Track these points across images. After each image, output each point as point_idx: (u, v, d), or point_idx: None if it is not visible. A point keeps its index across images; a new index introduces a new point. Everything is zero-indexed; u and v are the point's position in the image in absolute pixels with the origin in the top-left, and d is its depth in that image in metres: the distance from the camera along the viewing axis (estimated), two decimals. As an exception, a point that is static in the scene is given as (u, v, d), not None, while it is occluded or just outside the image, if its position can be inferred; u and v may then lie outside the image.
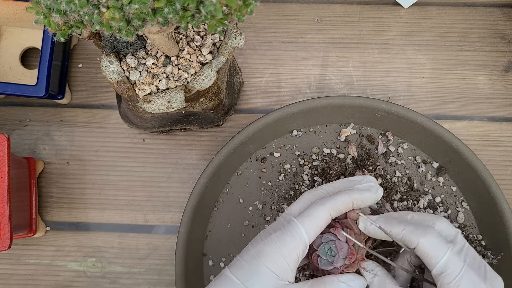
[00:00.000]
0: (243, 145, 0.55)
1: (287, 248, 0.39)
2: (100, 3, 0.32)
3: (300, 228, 0.39)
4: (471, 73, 0.60)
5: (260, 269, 0.38)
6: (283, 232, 0.39)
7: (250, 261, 0.39)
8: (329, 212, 0.40)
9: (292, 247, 0.39)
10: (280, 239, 0.39)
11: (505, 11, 0.61)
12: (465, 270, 0.39)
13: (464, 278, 0.38)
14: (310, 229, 0.39)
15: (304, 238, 0.39)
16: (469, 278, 0.38)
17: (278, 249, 0.39)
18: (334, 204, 0.41)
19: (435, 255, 0.39)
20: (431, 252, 0.39)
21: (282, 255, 0.38)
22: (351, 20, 0.61)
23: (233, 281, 0.39)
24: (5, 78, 0.57)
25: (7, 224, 0.48)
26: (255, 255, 0.39)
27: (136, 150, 0.59)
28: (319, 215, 0.40)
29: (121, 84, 0.42)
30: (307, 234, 0.39)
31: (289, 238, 0.39)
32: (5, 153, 0.49)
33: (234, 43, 0.43)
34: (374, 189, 0.43)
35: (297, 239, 0.39)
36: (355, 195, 0.42)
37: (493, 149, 0.59)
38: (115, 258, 0.58)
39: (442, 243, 0.39)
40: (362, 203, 0.42)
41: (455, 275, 0.38)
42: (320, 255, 0.42)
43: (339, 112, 0.56)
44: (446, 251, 0.39)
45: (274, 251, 0.39)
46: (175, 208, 0.58)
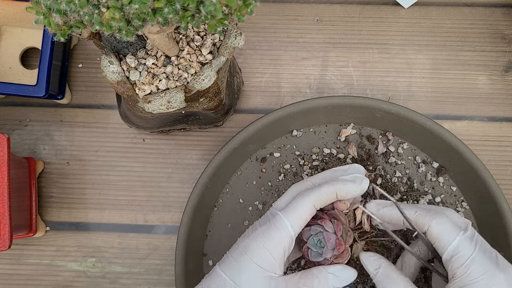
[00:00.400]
0: (243, 145, 0.55)
1: (273, 242, 0.39)
2: (100, 3, 0.32)
3: (284, 221, 0.39)
4: (471, 73, 0.60)
5: (247, 265, 0.39)
6: (269, 226, 0.40)
7: (237, 258, 0.40)
8: (312, 203, 0.40)
9: (278, 241, 0.39)
10: (266, 233, 0.39)
11: (505, 11, 0.61)
12: (476, 253, 0.39)
13: (475, 261, 0.38)
14: (295, 222, 0.40)
15: (289, 231, 0.39)
16: (481, 262, 0.38)
17: (263, 244, 0.39)
18: (318, 196, 0.41)
19: (447, 238, 0.39)
20: (442, 235, 0.39)
21: (268, 249, 0.39)
22: (351, 20, 0.61)
23: (222, 278, 0.39)
24: (5, 78, 0.57)
25: (7, 224, 0.48)
26: (242, 251, 0.40)
27: (136, 150, 0.59)
28: (303, 207, 0.40)
29: (121, 84, 0.42)
30: (292, 227, 0.39)
31: (274, 231, 0.39)
32: (5, 153, 0.49)
33: (234, 43, 0.43)
34: (359, 179, 0.42)
35: (282, 232, 0.39)
36: (338, 185, 0.41)
37: (493, 149, 0.59)
38: (115, 258, 0.58)
39: (453, 227, 0.40)
40: (346, 194, 0.42)
41: (466, 258, 0.38)
42: (310, 247, 0.43)
43: (339, 112, 0.56)
44: (458, 234, 0.39)
45: (260, 245, 0.39)
46: (175, 208, 0.58)
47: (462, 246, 0.39)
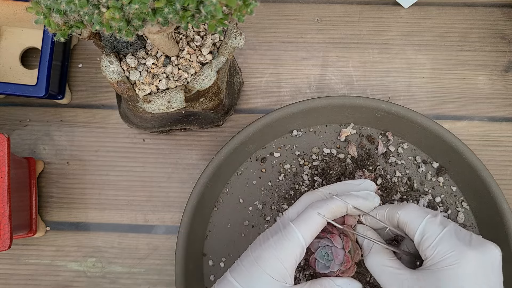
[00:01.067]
0: (243, 145, 0.55)
1: (285, 253, 0.39)
2: (100, 3, 0.32)
3: (296, 232, 0.40)
4: (471, 73, 0.60)
5: (259, 275, 0.39)
6: (280, 237, 0.40)
7: (249, 267, 0.40)
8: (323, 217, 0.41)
9: (290, 252, 0.39)
10: (278, 244, 0.40)
11: (505, 11, 0.61)
12: (444, 233, 0.39)
13: (443, 241, 0.39)
14: (306, 233, 0.40)
15: (301, 242, 0.40)
16: (449, 241, 0.39)
17: (275, 255, 0.39)
18: (329, 209, 0.41)
19: (414, 223, 0.41)
20: (410, 220, 0.41)
21: (280, 260, 0.39)
22: (351, 20, 0.61)
23: (234, 286, 0.39)
24: (5, 78, 0.57)
25: (7, 224, 0.48)
26: (254, 261, 0.40)
27: (136, 150, 0.59)
28: (315, 219, 0.40)
29: (121, 84, 0.42)
30: (304, 238, 0.40)
31: (287, 242, 0.39)
32: (5, 153, 0.49)
33: (234, 43, 0.43)
34: (371, 197, 0.44)
35: (294, 243, 0.39)
36: (351, 201, 0.42)
37: (493, 149, 0.59)
38: (115, 258, 0.58)
39: (420, 213, 0.41)
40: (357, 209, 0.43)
41: (433, 238, 0.39)
42: (318, 258, 0.43)
43: (339, 112, 0.56)
44: (424, 218, 0.41)
45: (272, 256, 0.39)
46: (175, 208, 0.58)
47: (428, 228, 0.40)
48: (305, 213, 0.41)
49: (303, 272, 0.54)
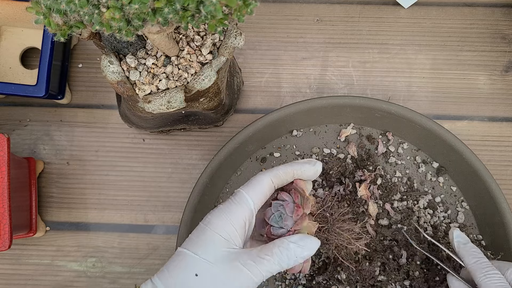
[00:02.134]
0: (243, 145, 0.55)
1: (234, 215, 0.40)
2: (100, 3, 0.32)
3: (244, 195, 0.41)
4: (471, 73, 0.60)
5: (209, 237, 0.39)
6: (230, 202, 0.41)
7: (199, 233, 0.40)
8: (270, 178, 0.42)
9: (239, 213, 0.40)
10: (227, 207, 0.41)
11: (505, 11, 0.61)
12: None
13: None
14: (254, 195, 0.41)
15: (249, 203, 0.41)
16: None
17: (225, 216, 0.40)
18: (275, 173, 0.42)
19: None
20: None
21: (229, 220, 0.40)
22: (351, 20, 0.61)
23: (185, 254, 0.39)
24: (5, 78, 0.57)
25: (7, 224, 0.48)
26: (204, 227, 0.40)
27: (136, 150, 0.59)
28: (261, 181, 0.41)
29: (121, 84, 0.42)
30: (251, 199, 0.41)
31: (235, 206, 0.40)
32: (5, 153, 0.49)
33: (234, 43, 0.43)
34: (313, 162, 0.44)
35: (242, 205, 0.40)
36: (294, 165, 0.43)
37: (493, 149, 0.59)
38: (115, 258, 0.58)
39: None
40: (302, 173, 0.44)
41: None
42: (272, 224, 0.43)
43: (339, 112, 0.56)
44: None
45: (222, 218, 0.40)
46: (175, 208, 0.58)
47: None
48: (253, 179, 0.42)
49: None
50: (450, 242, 0.49)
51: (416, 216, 0.54)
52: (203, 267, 0.38)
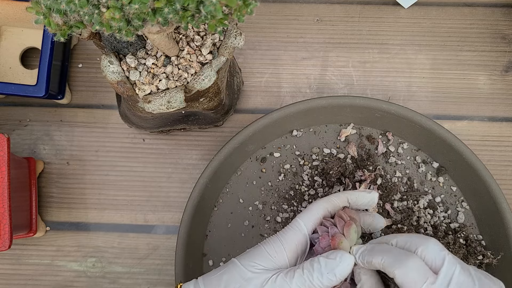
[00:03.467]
0: (243, 145, 0.55)
1: (286, 236, 0.42)
2: (100, 3, 0.32)
3: (298, 221, 0.43)
4: (471, 73, 0.60)
5: (260, 252, 0.41)
6: (286, 228, 0.43)
7: (253, 250, 0.42)
8: (324, 205, 0.44)
9: (291, 237, 0.42)
10: (282, 232, 0.43)
11: (505, 11, 0.61)
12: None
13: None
14: (307, 220, 0.42)
15: (302, 228, 0.42)
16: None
17: (278, 238, 0.42)
18: (329, 199, 0.44)
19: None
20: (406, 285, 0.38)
21: (281, 241, 0.41)
22: (351, 20, 0.61)
23: (233, 263, 0.41)
24: (5, 78, 0.57)
25: (7, 224, 0.48)
26: (259, 245, 0.42)
27: (136, 150, 0.59)
28: (315, 208, 0.43)
29: (121, 84, 0.42)
30: (305, 225, 0.42)
31: (290, 230, 0.42)
32: (5, 153, 0.49)
33: (234, 43, 0.43)
34: (369, 191, 0.47)
35: (295, 229, 0.42)
36: (349, 192, 0.46)
37: (493, 149, 0.59)
38: (115, 258, 0.58)
39: (418, 275, 0.37)
40: (357, 199, 0.45)
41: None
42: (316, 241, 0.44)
43: (339, 112, 0.56)
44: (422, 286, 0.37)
45: (275, 240, 0.42)
46: (175, 208, 0.58)
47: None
48: (308, 207, 0.44)
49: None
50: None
51: (416, 216, 0.54)
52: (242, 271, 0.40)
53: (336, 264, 0.39)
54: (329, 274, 0.38)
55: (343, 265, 0.39)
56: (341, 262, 0.39)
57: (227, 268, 0.41)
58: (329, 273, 0.38)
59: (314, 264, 0.39)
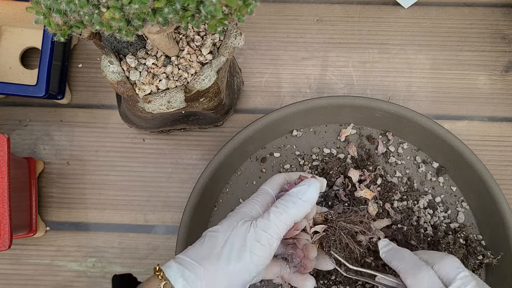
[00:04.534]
0: (243, 145, 0.55)
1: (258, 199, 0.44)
2: (100, 3, 0.32)
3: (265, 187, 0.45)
4: (471, 73, 0.60)
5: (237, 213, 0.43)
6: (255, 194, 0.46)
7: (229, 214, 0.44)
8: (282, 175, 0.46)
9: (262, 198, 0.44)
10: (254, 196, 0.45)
11: (505, 11, 0.61)
12: None
13: None
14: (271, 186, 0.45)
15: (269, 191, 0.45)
16: None
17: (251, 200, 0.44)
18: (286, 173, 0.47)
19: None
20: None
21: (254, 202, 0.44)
22: (351, 20, 0.61)
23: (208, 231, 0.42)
24: (5, 78, 0.57)
25: (7, 224, 0.48)
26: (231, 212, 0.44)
27: (136, 150, 0.59)
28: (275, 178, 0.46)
29: (121, 84, 0.42)
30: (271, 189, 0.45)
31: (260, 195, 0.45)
32: (5, 153, 0.49)
33: (234, 43, 0.43)
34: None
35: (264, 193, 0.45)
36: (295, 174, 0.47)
37: (493, 149, 0.59)
38: (115, 258, 0.58)
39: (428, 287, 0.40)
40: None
41: None
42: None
43: (339, 112, 0.56)
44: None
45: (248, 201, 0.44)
46: (175, 208, 0.58)
47: None
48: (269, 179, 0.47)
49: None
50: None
51: (416, 216, 0.54)
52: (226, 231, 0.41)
53: (306, 189, 0.42)
54: (302, 199, 0.42)
55: (312, 189, 0.42)
56: (310, 186, 0.42)
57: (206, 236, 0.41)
58: (301, 198, 0.42)
59: (286, 196, 0.42)
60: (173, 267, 0.39)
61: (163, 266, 0.39)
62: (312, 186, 0.42)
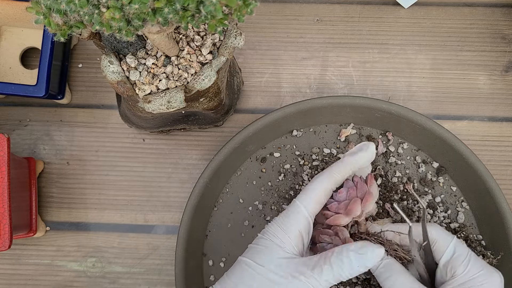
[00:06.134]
0: (243, 145, 0.55)
1: (288, 223, 0.40)
2: (100, 3, 0.32)
3: (299, 205, 0.41)
4: (471, 73, 0.60)
5: (266, 244, 0.40)
6: (285, 212, 0.42)
7: (257, 241, 0.41)
8: (324, 185, 0.42)
9: (293, 222, 0.40)
10: (281, 217, 0.41)
11: (505, 11, 0.61)
12: (470, 254, 0.43)
13: (471, 260, 0.42)
14: (308, 203, 0.41)
15: (303, 212, 0.41)
16: (475, 261, 0.42)
17: (279, 226, 0.41)
18: (330, 176, 0.43)
19: (444, 240, 0.43)
20: (440, 238, 0.44)
21: (283, 230, 0.40)
22: (351, 20, 0.61)
23: (243, 261, 0.40)
24: (5, 78, 0.57)
25: (7, 224, 0.48)
26: (261, 236, 0.41)
27: (136, 150, 0.59)
28: (315, 188, 0.42)
29: (121, 84, 0.42)
30: (305, 208, 0.41)
31: (291, 214, 0.41)
32: (5, 153, 0.49)
33: (234, 43, 0.43)
34: (365, 146, 0.44)
35: (296, 214, 0.41)
36: (347, 159, 0.43)
37: (493, 149, 0.59)
38: (115, 258, 0.58)
39: (447, 233, 0.44)
40: (357, 163, 0.44)
41: (464, 257, 0.42)
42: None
43: (339, 112, 0.56)
44: (453, 237, 0.44)
45: (276, 228, 0.41)
46: (175, 208, 0.58)
47: (458, 247, 0.43)
48: (307, 186, 0.43)
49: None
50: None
51: (416, 216, 0.54)
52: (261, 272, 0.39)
53: (368, 259, 0.38)
54: (360, 267, 0.38)
55: (373, 259, 0.39)
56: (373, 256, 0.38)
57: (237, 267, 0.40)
58: (360, 266, 0.38)
59: (344, 259, 0.38)
60: None
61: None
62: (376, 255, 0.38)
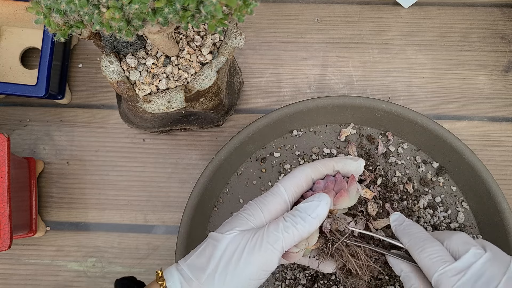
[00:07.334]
0: (243, 145, 0.55)
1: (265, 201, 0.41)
2: (100, 3, 0.32)
3: (279, 186, 0.42)
4: (471, 73, 0.60)
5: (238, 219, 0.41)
6: (266, 192, 0.42)
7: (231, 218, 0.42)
8: (307, 171, 0.43)
9: (270, 201, 0.41)
10: (262, 197, 0.42)
11: (505, 11, 0.61)
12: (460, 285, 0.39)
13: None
14: (289, 186, 0.42)
15: (282, 193, 0.42)
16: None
17: (256, 203, 0.41)
18: (314, 166, 0.43)
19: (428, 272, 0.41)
20: (424, 268, 0.41)
21: (259, 206, 0.41)
22: (351, 20, 0.61)
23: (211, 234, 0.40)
24: (5, 78, 0.57)
25: (7, 224, 0.48)
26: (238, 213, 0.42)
27: (136, 150, 0.59)
28: (298, 173, 0.43)
29: (121, 84, 0.42)
30: (285, 190, 0.42)
31: (269, 195, 0.42)
32: (5, 153, 0.49)
33: (234, 43, 0.43)
34: (356, 158, 0.45)
35: (275, 194, 0.42)
36: (336, 159, 0.44)
37: (493, 149, 0.59)
38: (115, 258, 0.58)
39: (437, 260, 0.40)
40: (344, 167, 0.44)
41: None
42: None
43: (339, 112, 0.56)
44: (437, 270, 0.40)
45: (253, 205, 0.41)
46: (175, 208, 0.58)
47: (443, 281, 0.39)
48: (291, 172, 0.43)
49: (303, 272, 0.54)
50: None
51: (416, 216, 0.54)
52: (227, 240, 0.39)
53: (316, 205, 0.40)
54: (311, 215, 0.40)
55: (322, 205, 0.40)
56: (321, 202, 0.40)
57: (206, 242, 0.40)
58: (311, 214, 0.40)
59: (295, 211, 0.40)
60: (174, 276, 0.38)
61: (165, 271, 0.39)
62: (323, 201, 0.40)
